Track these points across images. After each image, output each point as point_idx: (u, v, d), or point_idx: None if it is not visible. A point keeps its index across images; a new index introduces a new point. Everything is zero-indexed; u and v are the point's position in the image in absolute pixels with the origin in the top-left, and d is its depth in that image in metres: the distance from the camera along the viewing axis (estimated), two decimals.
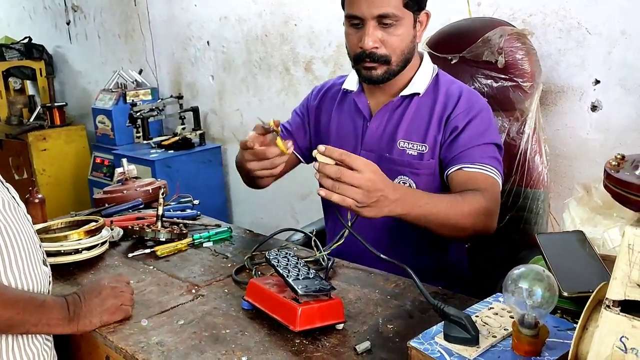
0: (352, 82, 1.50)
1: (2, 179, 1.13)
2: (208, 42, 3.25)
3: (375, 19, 1.30)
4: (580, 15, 1.79)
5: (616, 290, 0.63)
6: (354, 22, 1.33)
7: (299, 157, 1.62)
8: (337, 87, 1.56)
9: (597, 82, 1.79)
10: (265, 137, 1.27)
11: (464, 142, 1.34)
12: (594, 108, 1.82)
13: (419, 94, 1.41)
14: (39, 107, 4.23)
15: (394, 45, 1.33)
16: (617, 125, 1.77)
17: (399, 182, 1.40)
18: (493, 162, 1.33)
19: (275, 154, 1.26)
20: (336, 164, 1.06)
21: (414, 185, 1.39)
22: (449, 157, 1.36)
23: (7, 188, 1.12)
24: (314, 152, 1.07)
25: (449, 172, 1.35)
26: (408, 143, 1.40)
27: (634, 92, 1.73)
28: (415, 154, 1.39)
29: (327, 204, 1.59)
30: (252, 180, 1.51)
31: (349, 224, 1.12)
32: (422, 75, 1.43)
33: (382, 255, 1.07)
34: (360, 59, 1.36)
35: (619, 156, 0.64)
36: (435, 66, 1.48)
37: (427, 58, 1.47)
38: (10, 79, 4.42)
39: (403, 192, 1.15)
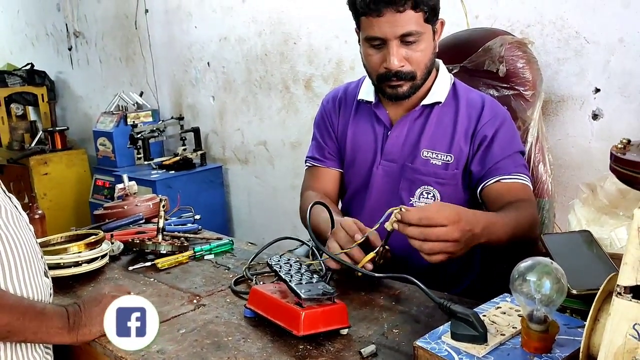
0: (368, 93, 1.48)
1: (4, 188, 1.12)
2: (208, 63, 3.27)
3: (398, 37, 1.28)
4: (578, 25, 1.79)
5: (627, 276, 0.61)
6: (375, 43, 1.31)
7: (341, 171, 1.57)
8: (351, 96, 1.54)
9: (597, 90, 1.79)
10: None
11: (495, 153, 1.35)
12: (595, 117, 1.81)
13: (440, 102, 1.41)
14: (41, 132, 4.25)
15: (418, 60, 1.32)
16: (618, 133, 1.74)
17: (423, 192, 1.40)
18: (525, 171, 1.36)
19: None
20: None
21: (439, 195, 1.38)
22: (483, 170, 1.36)
23: (9, 197, 1.11)
24: (388, 224, 1.07)
25: (486, 185, 1.34)
26: (432, 153, 1.39)
27: (634, 100, 1.72)
28: (440, 163, 1.38)
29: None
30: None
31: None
32: (441, 84, 1.42)
33: (376, 275, 1.10)
34: (385, 78, 1.34)
35: (624, 140, 0.63)
36: (452, 75, 1.48)
37: (442, 66, 1.46)
38: (13, 105, 4.44)
39: (485, 222, 1.12)
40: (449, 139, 1.39)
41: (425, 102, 1.40)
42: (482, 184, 1.35)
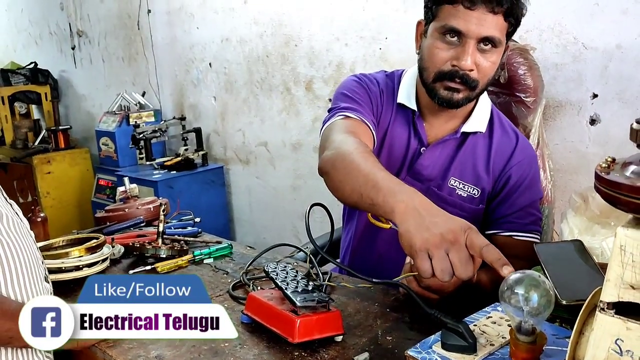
0: (408, 99, 1.34)
1: (5, 194, 1.14)
2: (210, 64, 3.29)
3: (478, 39, 1.17)
4: (576, 31, 1.81)
5: (610, 292, 0.63)
6: (449, 36, 1.18)
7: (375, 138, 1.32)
8: (390, 92, 1.37)
9: (595, 96, 1.81)
10: None
11: (515, 202, 1.31)
12: (592, 122, 1.83)
13: (481, 132, 1.33)
14: (44, 130, 4.28)
15: (486, 71, 1.21)
16: (616, 138, 1.78)
17: None
18: (538, 226, 1.33)
19: None
20: None
21: None
22: (498, 214, 1.33)
23: (10, 204, 1.12)
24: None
25: (498, 233, 1.32)
26: (460, 183, 1.32)
27: (631, 105, 1.74)
28: (465, 195, 1.32)
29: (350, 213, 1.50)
30: None
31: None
32: (482, 110, 1.34)
33: (374, 280, 1.03)
34: (447, 77, 1.21)
35: (609, 159, 0.64)
36: (490, 100, 1.39)
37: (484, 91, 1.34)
38: (16, 104, 4.47)
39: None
40: (478, 172, 1.32)
41: (466, 129, 1.32)
42: (494, 231, 1.32)
